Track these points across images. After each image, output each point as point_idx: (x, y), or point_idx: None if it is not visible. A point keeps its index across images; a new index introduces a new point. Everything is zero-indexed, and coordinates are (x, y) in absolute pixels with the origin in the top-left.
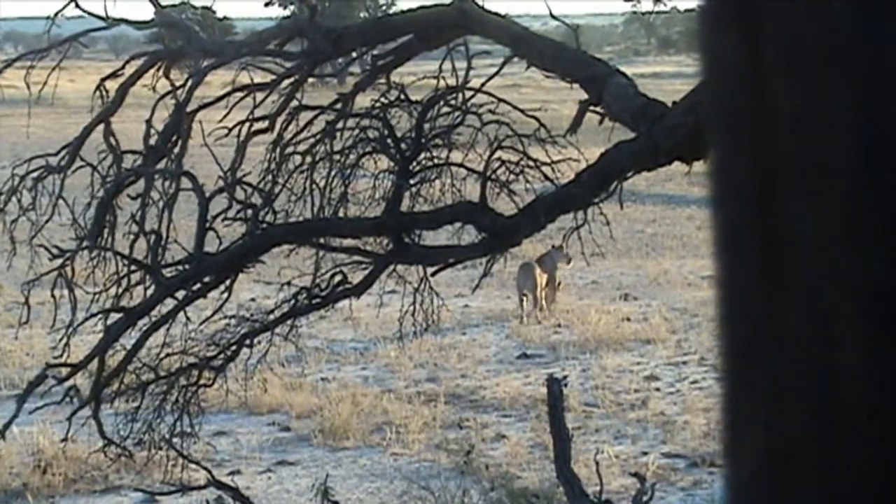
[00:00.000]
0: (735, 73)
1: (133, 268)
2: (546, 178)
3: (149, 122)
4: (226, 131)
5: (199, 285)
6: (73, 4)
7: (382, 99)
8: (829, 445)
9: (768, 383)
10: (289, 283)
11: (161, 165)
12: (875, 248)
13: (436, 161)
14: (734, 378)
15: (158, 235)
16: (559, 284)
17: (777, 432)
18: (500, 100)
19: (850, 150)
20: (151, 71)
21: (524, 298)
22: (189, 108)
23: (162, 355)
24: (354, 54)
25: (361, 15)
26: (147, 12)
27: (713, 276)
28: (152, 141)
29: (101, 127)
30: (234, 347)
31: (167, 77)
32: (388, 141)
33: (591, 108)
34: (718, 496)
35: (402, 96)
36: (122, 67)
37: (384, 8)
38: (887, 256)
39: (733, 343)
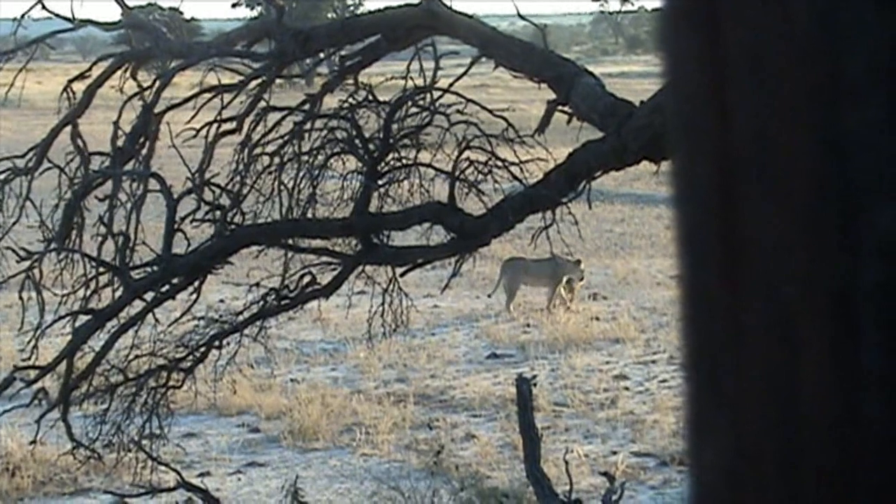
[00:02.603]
0: (696, 76)
1: (101, 270)
2: (514, 177)
3: (116, 123)
4: (194, 132)
5: (167, 287)
6: (39, 6)
7: (350, 100)
8: (791, 446)
9: (731, 384)
10: (257, 285)
11: (129, 167)
12: (835, 249)
13: (404, 161)
14: (697, 378)
15: (126, 237)
16: (579, 281)
17: (740, 433)
18: (469, 100)
19: (809, 153)
20: (119, 72)
21: (505, 292)
22: (157, 110)
23: (131, 357)
24: (322, 55)
25: (329, 16)
26: (114, 14)
27: (677, 276)
28: (120, 142)
29: (68, 129)
30: (203, 349)
31: (135, 78)
32: (357, 141)
33: (560, 107)
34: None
35: (370, 97)
36: (90, 69)
37: (352, 8)
38: (847, 259)
39: (696, 343)
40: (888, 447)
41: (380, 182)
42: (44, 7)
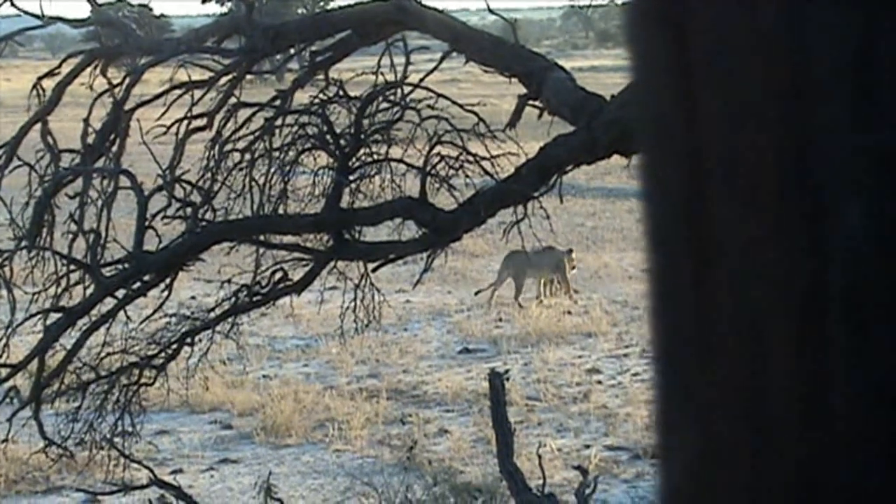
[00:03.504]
0: (663, 75)
1: (72, 267)
2: (486, 172)
3: (86, 120)
4: (164, 129)
5: (138, 284)
6: (7, 3)
7: (321, 95)
8: (760, 445)
9: (700, 383)
10: (229, 281)
11: (99, 164)
12: (802, 249)
13: (375, 157)
14: (667, 376)
15: (97, 234)
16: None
17: (709, 432)
18: (439, 95)
19: (775, 152)
20: (88, 69)
21: (497, 287)
22: (127, 107)
23: (102, 355)
24: (292, 51)
25: (299, 11)
26: (83, 10)
27: (646, 270)
28: (90, 140)
29: (38, 126)
30: (175, 346)
31: (104, 75)
32: (328, 137)
33: (530, 102)
34: None
35: (341, 92)
36: (59, 66)
37: (321, 4)
38: (814, 258)
39: (665, 341)
40: (856, 447)
41: (351, 177)
42: (12, 4)
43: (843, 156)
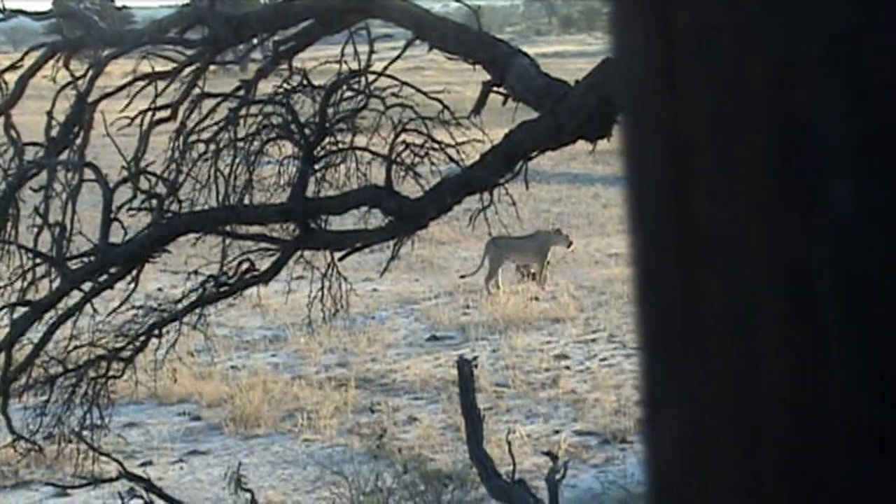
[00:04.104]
0: (646, 59)
1: (38, 261)
2: (451, 159)
3: (50, 113)
4: (128, 121)
5: (105, 276)
6: None
7: (285, 85)
8: (751, 433)
9: (689, 370)
10: (196, 272)
11: (63, 157)
12: (790, 230)
13: (340, 146)
14: (654, 364)
15: (63, 227)
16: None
17: (700, 420)
18: (403, 83)
19: (762, 134)
20: (51, 62)
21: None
22: (90, 99)
23: (70, 348)
24: (256, 41)
25: (262, 1)
26: (45, 3)
27: (628, 255)
28: (54, 132)
29: (0, 120)
30: (142, 338)
31: (67, 68)
32: (292, 127)
33: (494, 89)
34: (630, 472)
35: (305, 82)
36: (21, 59)
37: None
38: (802, 239)
39: (651, 328)
40: (849, 445)
41: (316, 167)
42: None
43: (832, 145)
